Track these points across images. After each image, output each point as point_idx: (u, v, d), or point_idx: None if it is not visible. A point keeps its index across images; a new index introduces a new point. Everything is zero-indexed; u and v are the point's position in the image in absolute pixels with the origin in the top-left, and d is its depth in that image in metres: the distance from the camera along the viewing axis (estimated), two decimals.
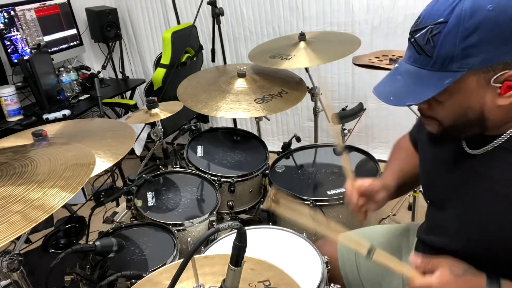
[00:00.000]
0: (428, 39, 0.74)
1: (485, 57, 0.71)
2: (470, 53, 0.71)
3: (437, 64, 0.74)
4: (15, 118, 2.59)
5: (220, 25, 2.56)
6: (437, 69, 0.74)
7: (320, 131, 2.67)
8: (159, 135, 1.90)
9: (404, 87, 0.79)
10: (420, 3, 2.44)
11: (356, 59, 1.88)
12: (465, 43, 0.71)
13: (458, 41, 0.71)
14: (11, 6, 2.72)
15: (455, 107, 0.78)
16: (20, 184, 0.84)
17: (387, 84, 0.84)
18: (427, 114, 0.84)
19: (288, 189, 1.62)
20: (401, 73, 0.81)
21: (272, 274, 0.95)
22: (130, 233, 1.41)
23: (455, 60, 0.72)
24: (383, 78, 0.85)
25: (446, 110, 0.79)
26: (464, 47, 0.71)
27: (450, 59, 0.72)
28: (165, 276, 0.97)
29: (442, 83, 0.73)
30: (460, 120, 0.79)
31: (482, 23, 0.69)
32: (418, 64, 0.77)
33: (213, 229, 0.69)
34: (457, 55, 0.72)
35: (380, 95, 0.82)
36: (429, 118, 0.85)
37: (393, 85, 0.82)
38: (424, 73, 0.76)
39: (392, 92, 0.81)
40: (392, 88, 0.81)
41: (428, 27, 0.74)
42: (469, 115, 0.78)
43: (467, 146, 0.87)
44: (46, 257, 1.26)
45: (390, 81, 0.83)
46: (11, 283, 1.00)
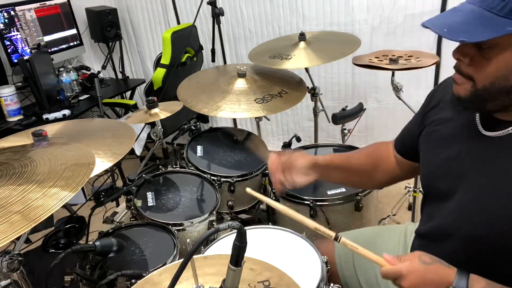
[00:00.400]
0: None
1: None
2: None
3: (506, 9, 0.70)
4: (15, 118, 2.59)
5: (220, 25, 2.56)
6: (505, 15, 0.71)
7: (320, 131, 2.67)
8: (159, 135, 1.90)
9: (462, 23, 0.74)
10: (420, 3, 2.44)
11: (356, 59, 1.88)
12: None
13: None
14: (11, 6, 2.72)
15: (501, 66, 0.75)
16: (20, 184, 0.84)
17: (444, 17, 0.79)
18: (465, 70, 0.80)
19: (288, 189, 1.61)
20: (462, 11, 0.76)
21: (272, 274, 0.95)
22: (130, 233, 1.41)
23: None
24: (437, 15, 0.81)
25: (490, 67, 0.76)
26: None
27: None
28: (165, 276, 0.97)
29: (504, 29, 0.70)
30: (499, 83, 0.76)
31: None
32: (485, 5, 0.73)
33: (213, 229, 0.69)
34: None
35: (433, 25, 0.76)
36: (463, 77, 0.81)
37: (451, 18, 0.77)
38: (489, 15, 0.72)
39: (447, 24, 0.76)
40: (448, 21, 0.76)
41: None
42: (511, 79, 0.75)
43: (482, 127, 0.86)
44: (46, 257, 1.26)
45: (448, 15, 0.78)
46: (11, 283, 1.00)
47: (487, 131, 0.85)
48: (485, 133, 0.85)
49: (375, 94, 2.79)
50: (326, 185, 1.65)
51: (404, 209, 2.40)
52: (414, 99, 2.63)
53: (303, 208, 1.57)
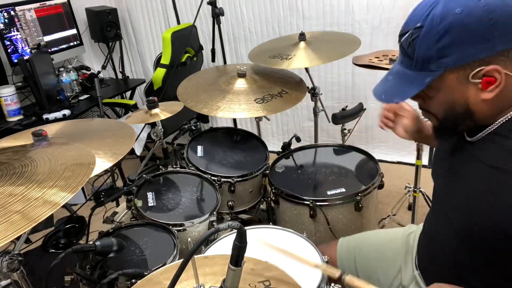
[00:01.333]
0: (410, 42, 0.81)
1: (458, 56, 0.77)
2: (444, 54, 0.77)
3: (418, 65, 0.81)
4: (15, 118, 2.59)
5: (220, 25, 2.56)
6: (419, 69, 0.81)
7: (320, 131, 2.67)
8: (159, 135, 1.90)
9: (393, 86, 0.87)
10: None
11: (356, 59, 1.88)
12: (438, 44, 0.77)
13: (432, 44, 0.78)
14: (11, 6, 2.72)
15: (442, 102, 0.85)
16: (20, 184, 0.84)
17: (382, 84, 0.91)
18: (424, 108, 0.91)
19: (288, 189, 1.62)
20: (392, 74, 0.89)
21: (272, 274, 0.95)
22: (130, 233, 1.41)
23: (432, 61, 0.79)
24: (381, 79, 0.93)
25: (436, 104, 0.86)
26: (438, 49, 0.77)
27: (428, 60, 0.79)
28: (165, 276, 0.97)
29: (423, 81, 0.81)
30: (449, 113, 0.85)
31: (452, 25, 0.75)
32: (404, 65, 0.85)
33: (213, 229, 0.69)
34: (433, 56, 0.78)
35: (375, 94, 0.90)
36: (426, 112, 0.92)
37: (385, 84, 0.90)
38: (409, 73, 0.83)
39: (383, 91, 0.89)
40: (384, 87, 0.90)
41: (409, 31, 0.81)
42: (457, 109, 0.84)
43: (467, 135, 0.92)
44: (46, 257, 1.26)
45: (383, 81, 0.91)
46: (11, 283, 1.00)
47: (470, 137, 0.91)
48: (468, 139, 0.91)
49: None
50: (326, 185, 1.65)
51: (404, 209, 2.40)
52: None
53: (303, 208, 1.58)
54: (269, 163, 1.85)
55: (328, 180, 1.69)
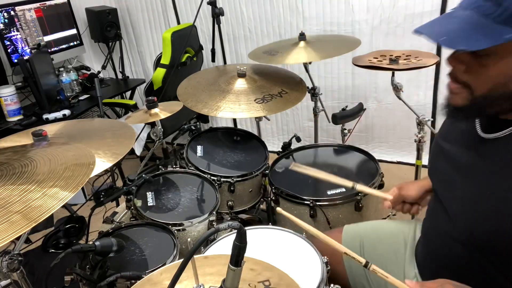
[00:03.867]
0: None
1: None
2: None
3: (503, 16, 0.69)
4: (15, 118, 2.59)
5: (220, 25, 2.56)
6: (502, 22, 0.69)
7: (320, 131, 2.67)
8: (159, 135, 1.90)
9: (460, 30, 0.72)
10: (420, 3, 2.44)
11: (356, 59, 1.88)
12: None
13: None
14: (11, 6, 2.72)
15: (499, 74, 0.73)
16: (20, 184, 0.84)
17: (440, 23, 0.76)
18: (461, 78, 0.78)
19: (288, 189, 1.62)
20: (459, 16, 0.74)
21: (272, 274, 0.95)
22: (130, 233, 1.41)
23: None
24: (431, 21, 0.78)
25: (487, 75, 0.74)
26: None
27: None
28: (165, 276, 0.97)
29: (503, 36, 0.68)
30: (497, 90, 0.74)
31: None
32: (481, 11, 0.71)
33: (213, 229, 0.69)
34: None
35: (430, 33, 0.74)
36: (460, 85, 0.79)
37: (447, 26, 0.74)
38: (486, 22, 0.70)
39: (445, 32, 0.73)
40: (445, 28, 0.74)
41: None
42: (510, 86, 0.73)
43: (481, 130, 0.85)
44: (46, 257, 1.26)
45: (444, 21, 0.76)
46: (11, 283, 1.00)
47: (485, 133, 0.84)
48: (483, 135, 0.84)
49: (375, 94, 2.79)
50: (326, 185, 1.65)
51: None
52: (414, 99, 2.65)
53: (303, 208, 1.58)
54: (269, 163, 1.85)
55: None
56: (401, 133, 2.79)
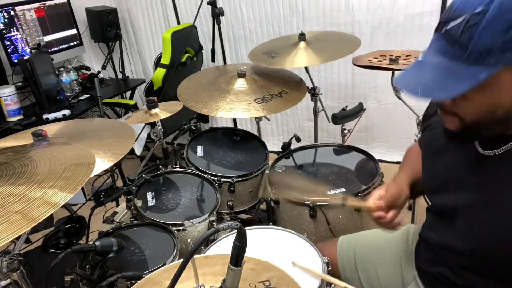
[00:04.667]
0: (463, 30, 0.68)
1: None
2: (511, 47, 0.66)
3: (472, 57, 0.69)
4: (15, 118, 2.59)
5: (220, 25, 2.56)
6: (472, 63, 0.69)
7: (320, 131, 2.67)
8: (159, 135, 1.89)
9: (434, 80, 0.73)
10: (420, 3, 2.44)
11: (356, 59, 1.88)
12: (506, 36, 0.66)
13: (498, 34, 0.66)
14: (11, 6, 2.72)
15: (483, 104, 0.74)
16: (20, 184, 0.84)
17: (414, 76, 0.77)
18: (450, 110, 0.79)
19: (288, 189, 1.61)
20: (429, 66, 0.75)
21: (272, 274, 0.95)
22: (130, 233, 1.41)
23: (493, 54, 0.67)
24: (405, 70, 0.79)
25: (472, 106, 0.75)
26: (504, 41, 0.66)
27: (488, 52, 0.67)
28: (165, 276, 0.97)
29: (477, 77, 0.68)
30: (486, 117, 0.75)
31: None
32: (449, 56, 0.72)
33: (213, 229, 0.69)
34: (496, 48, 0.67)
35: (406, 87, 0.75)
36: (450, 115, 0.80)
37: (421, 77, 0.75)
38: (457, 67, 0.70)
39: (420, 84, 0.74)
40: (419, 80, 0.75)
41: (464, 16, 0.69)
42: (497, 112, 0.74)
43: (480, 147, 0.84)
44: (46, 257, 1.26)
45: (416, 73, 0.77)
46: (11, 283, 1.00)
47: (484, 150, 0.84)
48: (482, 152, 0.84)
49: (375, 94, 2.79)
50: (326, 185, 1.65)
51: (404, 209, 2.38)
52: (414, 99, 2.65)
53: (303, 208, 1.57)
54: (269, 163, 1.85)
55: (328, 180, 1.69)
56: (401, 133, 2.79)
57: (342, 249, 1.30)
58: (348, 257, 1.28)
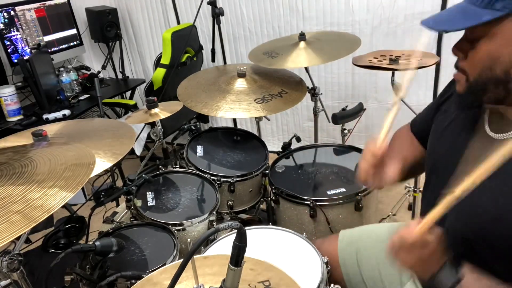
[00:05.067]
0: None
1: None
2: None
3: (484, 1, 0.76)
4: (15, 118, 2.59)
5: (220, 25, 2.56)
6: (483, 6, 0.76)
7: (320, 131, 2.67)
8: (159, 135, 1.90)
9: (447, 16, 0.83)
10: (420, 3, 2.44)
11: (356, 59, 1.88)
12: None
13: None
14: (11, 6, 2.72)
15: (485, 56, 0.79)
16: (20, 184, 0.84)
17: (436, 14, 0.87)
18: (461, 66, 0.86)
19: (288, 189, 1.62)
20: (451, 8, 0.84)
21: (272, 274, 0.95)
22: (130, 233, 1.41)
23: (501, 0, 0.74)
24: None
25: (476, 58, 0.81)
26: None
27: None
28: (165, 276, 0.97)
29: (480, 17, 0.75)
30: (485, 73, 0.80)
31: None
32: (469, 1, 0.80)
33: (213, 229, 0.69)
34: None
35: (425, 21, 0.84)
36: (460, 72, 0.86)
37: (439, 15, 0.86)
38: (470, 8, 0.79)
39: (434, 19, 0.84)
40: (437, 17, 0.85)
41: None
42: (496, 69, 0.78)
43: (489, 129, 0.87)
44: (46, 257, 1.26)
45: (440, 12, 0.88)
46: (11, 283, 1.00)
47: (493, 132, 0.86)
48: (490, 134, 0.87)
49: (375, 94, 2.79)
50: (326, 185, 1.65)
51: (404, 209, 2.39)
52: (414, 99, 2.65)
53: (303, 208, 1.58)
54: (268, 163, 1.85)
55: (328, 180, 1.69)
56: None
57: (344, 244, 1.29)
58: (350, 253, 1.27)
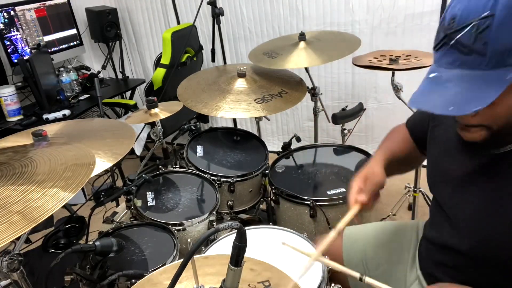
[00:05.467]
0: (476, 37, 0.67)
1: None
2: None
3: (493, 61, 0.67)
4: (15, 118, 2.59)
5: (220, 25, 2.56)
6: (494, 66, 0.67)
7: (320, 131, 2.67)
8: (159, 135, 1.90)
9: (462, 93, 0.70)
10: (420, 3, 2.44)
11: (356, 59, 1.88)
12: None
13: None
14: (11, 6, 2.72)
15: (508, 109, 0.73)
16: (20, 184, 0.84)
17: (436, 94, 0.73)
18: (474, 123, 0.78)
19: (288, 189, 1.62)
20: (449, 80, 0.72)
21: (272, 274, 0.95)
22: (130, 233, 1.41)
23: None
24: (420, 90, 0.76)
25: (498, 111, 0.73)
26: None
27: (509, 52, 0.66)
28: (165, 276, 0.97)
29: (504, 78, 0.67)
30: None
31: None
32: (468, 66, 0.70)
33: (213, 229, 0.69)
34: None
35: (434, 108, 0.72)
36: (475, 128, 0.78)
37: (445, 94, 0.72)
38: (480, 74, 0.69)
39: (448, 101, 0.71)
40: (446, 97, 0.72)
41: (472, 24, 0.67)
42: None
43: None
44: (46, 257, 1.26)
45: (437, 90, 0.73)
46: (11, 283, 1.00)
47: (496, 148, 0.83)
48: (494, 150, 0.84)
49: (375, 94, 2.79)
50: (326, 185, 1.65)
51: (404, 209, 2.39)
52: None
53: (303, 208, 1.58)
54: (268, 163, 1.85)
55: (328, 180, 1.69)
56: None
57: (348, 244, 1.28)
58: (355, 252, 1.25)
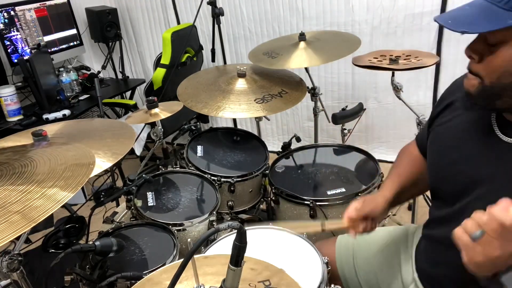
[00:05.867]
0: None
1: None
2: None
3: (509, 3, 0.71)
4: (15, 118, 2.59)
5: (220, 25, 2.56)
6: (507, 8, 0.71)
7: (320, 131, 2.67)
8: (159, 135, 1.90)
9: (467, 16, 0.76)
10: (420, 3, 2.44)
11: (356, 59, 1.88)
12: None
13: None
14: (11, 6, 2.72)
15: (506, 62, 0.75)
16: (20, 184, 0.84)
17: (454, 11, 0.80)
18: (474, 68, 0.81)
19: (288, 189, 1.62)
20: (471, 5, 0.78)
21: (272, 274, 0.95)
22: (130, 233, 1.41)
23: None
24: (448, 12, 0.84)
25: (496, 64, 0.76)
26: None
27: None
28: (165, 276, 0.97)
29: (506, 21, 0.70)
30: (505, 79, 0.76)
31: None
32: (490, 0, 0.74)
33: (213, 229, 0.69)
34: None
35: (441, 18, 0.79)
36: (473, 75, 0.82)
37: (458, 12, 0.79)
38: (494, 8, 0.73)
39: (453, 17, 0.78)
40: (455, 14, 0.79)
41: None
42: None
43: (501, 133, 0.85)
44: (46, 257, 1.26)
45: (457, 9, 0.80)
46: (11, 283, 1.00)
47: (505, 136, 0.84)
48: (503, 138, 0.84)
49: (375, 94, 2.79)
50: (326, 185, 1.65)
51: (404, 209, 2.39)
52: (414, 99, 2.65)
53: (303, 208, 1.58)
54: (269, 163, 1.85)
55: (328, 180, 1.69)
56: (401, 133, 2.79)
57: (341, 249, 1.30)
58: (347, 257, 1.28)
